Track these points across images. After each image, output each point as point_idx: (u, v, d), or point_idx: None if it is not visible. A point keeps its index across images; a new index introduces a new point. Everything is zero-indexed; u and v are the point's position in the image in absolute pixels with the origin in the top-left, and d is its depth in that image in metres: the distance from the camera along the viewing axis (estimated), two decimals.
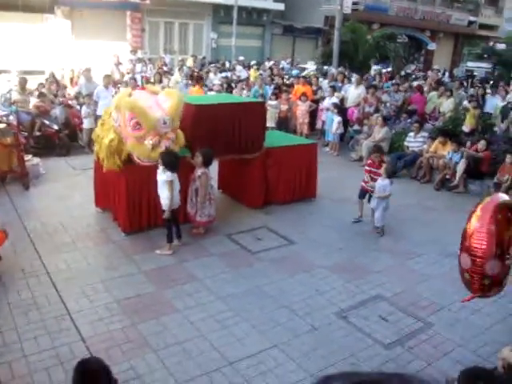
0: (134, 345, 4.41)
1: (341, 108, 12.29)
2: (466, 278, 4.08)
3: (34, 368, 4.02)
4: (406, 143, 10.85)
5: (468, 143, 9.86)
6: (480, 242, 3.85)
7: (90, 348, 4.33)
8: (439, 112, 13.15)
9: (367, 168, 7.59)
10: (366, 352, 4.51)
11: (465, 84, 18.57)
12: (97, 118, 9.89)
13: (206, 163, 6.48)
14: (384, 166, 7.22)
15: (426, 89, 14.89)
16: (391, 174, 7.19)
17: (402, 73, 19.73)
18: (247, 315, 4.96)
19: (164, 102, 6.33)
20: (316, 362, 4.33)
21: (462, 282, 4.25)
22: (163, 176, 5.99)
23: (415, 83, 16.22)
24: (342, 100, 13.18)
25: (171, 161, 5.97)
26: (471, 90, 16.75)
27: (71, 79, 15.14)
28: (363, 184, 7.54)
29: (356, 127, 12.45)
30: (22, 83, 11.49)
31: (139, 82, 13.89)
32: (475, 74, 25.76)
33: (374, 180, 7.24)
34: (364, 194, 7.61)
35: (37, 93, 11.78)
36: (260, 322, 4.85)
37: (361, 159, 11.34)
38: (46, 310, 4.88)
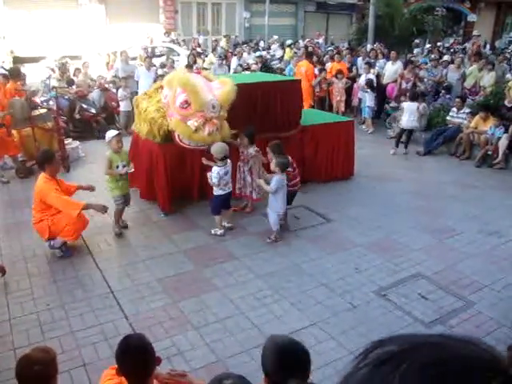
0: (176, 322, 4.51)
1: (375, 85, 12.05)
2: None
3: (82, 343, 4.17)
4: (448, 118, 10.58)
5: None
6: None
7: (133, 325, 4.45)
8: (480, 86, 12.71)
9: None
10: (406, 330, 4.47)
11: (508, 56, 17.85)
12: None
13: (252, 142, 6.48)
14: (274, 160, 6.01)
15: (466, 61, 14.40)
16: (284, 169, 6.01)
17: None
18: (286, 293, 4.99)
19: (216, 89, 6.32)
20: (355, 339, 4.33)
21: None
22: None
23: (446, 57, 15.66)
24: (378, 76, 12.91)
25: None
26: None
27: (107, 63, 15.32)
28: None
29: (393, 104, 12.19)
30: (63, 69, 11.73)
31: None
32: None
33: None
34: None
35: (75, 78, 11.99)
36: (299, 300, 4.88)
37: None
38: (89, 288, 5.04)
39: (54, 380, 2.72)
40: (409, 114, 9.90)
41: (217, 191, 6.11)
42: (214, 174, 5.97)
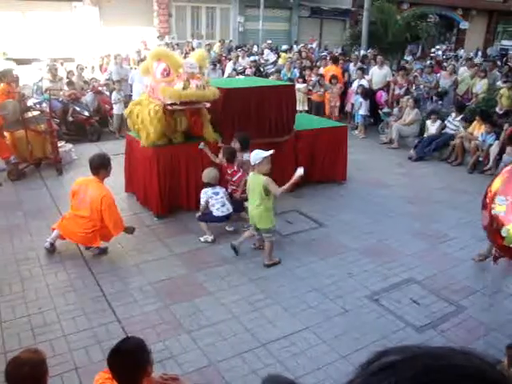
0: (168, 326, 4.50)
1: (369, 91, 12.13)
2: None
3: (74, 347, 4.15)
4: (446, 122, 10.64)
5: (506, 125, 9.54)
6: None
7: (126, 329, 4.43)
8: (472, 93, 12.83)
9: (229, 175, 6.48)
10: (398, 335, 4.50)
11: (499, 63, 18.05)
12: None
13: (245, 147, 6.49)
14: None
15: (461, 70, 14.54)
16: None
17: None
18: (279, 298, 5.00)
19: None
20: (348, 344, 4.34)
21: None
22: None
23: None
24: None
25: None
26: (505, 69, 16.27)
27: (100, 66, 15.30)
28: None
29: (386, 110, 12.26)
30: (53, 71, 11.71)
31: None
32: (510, 52, 24.95)
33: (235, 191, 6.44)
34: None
35: (67, 80, 11.98)
36: (291, 305, 4.89)
37: (390, 142, 11.24)
38: (82, 291, 5.02)
39: (44, 381, 2.71)
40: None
41: (216, 212, 6.12)
42: (202, 194, 6.14)
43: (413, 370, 0.60)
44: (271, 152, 5.44)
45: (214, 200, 6.09)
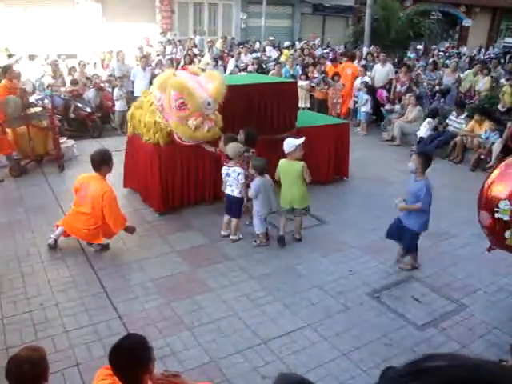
0: (169, 323, 4.50)
1: (371, 88, 12.10)
2: None
3: (75, 343, 4.16)
4: (447, 121, 10.62)
5: (509, 123, 9.51)
6: None
7: (127, 325, 4.44)
8: (474, 91, 12.79)
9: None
10: (399, 332, 4.50)
11: (502, 61, 18.01)
12: (134, 98, 9.99)
13: (248, 142, 6.45)
14: (251, 162, 5.92)
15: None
16: (262, 171, 5.78)
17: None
18: (280, 295, 5.00)
19: (206, 84, 6.36)
20: (348, 341, 4.34)
21: None
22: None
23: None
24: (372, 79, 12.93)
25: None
26: (508, 66, 16.24)
27: (102, 62, 15.29)
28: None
29: (388, 107, 12.22)
30: (54, 67, 11.70)
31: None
32: None
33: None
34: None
35: (70, 77, 11.98)
36: (293, 302, 4.89)
37: (392, 139, 11.22)
38: (83, 288, 5.03)
39: (45, 379, 2.71)
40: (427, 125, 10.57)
41: (224, 187, 6.15)
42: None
43: (439, 378, 0.59)
44: (303, 139, 5.73)
45: (225, 179, 6.08)
